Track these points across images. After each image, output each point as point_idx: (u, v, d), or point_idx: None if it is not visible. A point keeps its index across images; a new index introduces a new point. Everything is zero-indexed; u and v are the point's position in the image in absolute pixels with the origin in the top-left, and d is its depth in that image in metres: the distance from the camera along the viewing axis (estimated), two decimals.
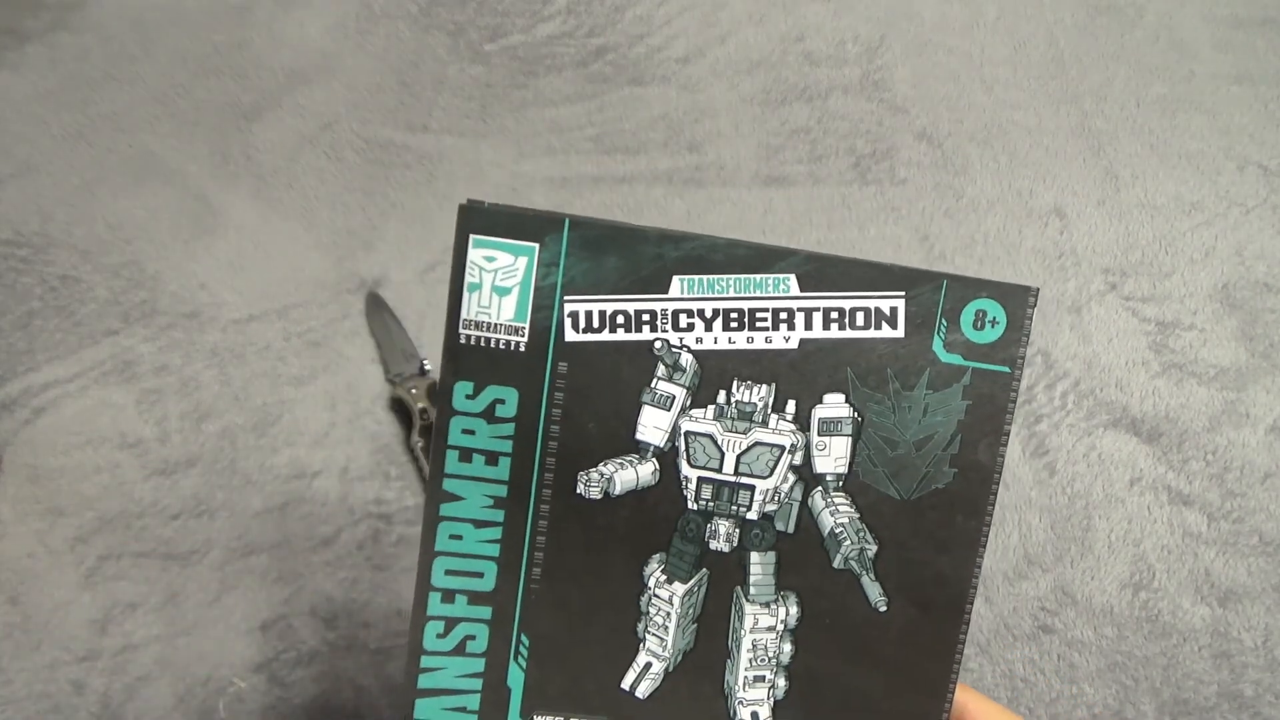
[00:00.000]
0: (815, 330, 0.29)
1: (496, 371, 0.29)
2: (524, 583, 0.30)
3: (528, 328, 0.29)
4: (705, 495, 0.30)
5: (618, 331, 0.29)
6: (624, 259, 0.28)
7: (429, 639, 0.29)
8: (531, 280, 0.29)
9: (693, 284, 0.28)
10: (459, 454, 0.29)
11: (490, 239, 0.29)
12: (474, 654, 0.29)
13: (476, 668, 0.29)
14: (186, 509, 0.60)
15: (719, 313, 0.29)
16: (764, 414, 0.29)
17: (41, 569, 0.58)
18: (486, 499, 0.29)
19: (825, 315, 0.29)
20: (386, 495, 0.60)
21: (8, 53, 0.86)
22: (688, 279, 0.28)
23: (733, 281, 0.28)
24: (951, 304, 0.28)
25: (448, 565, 0.29)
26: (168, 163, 0.78)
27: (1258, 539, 0.56)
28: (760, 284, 0.28)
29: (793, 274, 0.28)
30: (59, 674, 0.55)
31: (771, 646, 0.30)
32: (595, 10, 0.86)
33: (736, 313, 0.29)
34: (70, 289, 0.70)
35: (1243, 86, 0.76)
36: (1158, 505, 0.57)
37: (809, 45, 0.82)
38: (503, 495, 0.29)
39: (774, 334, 0.29)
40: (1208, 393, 0.61)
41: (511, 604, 0.29)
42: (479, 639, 0.29)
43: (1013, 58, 0.79)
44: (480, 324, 0.29)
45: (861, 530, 0.29)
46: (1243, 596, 0.54)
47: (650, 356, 0.29)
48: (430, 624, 0.29)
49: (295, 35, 0.86)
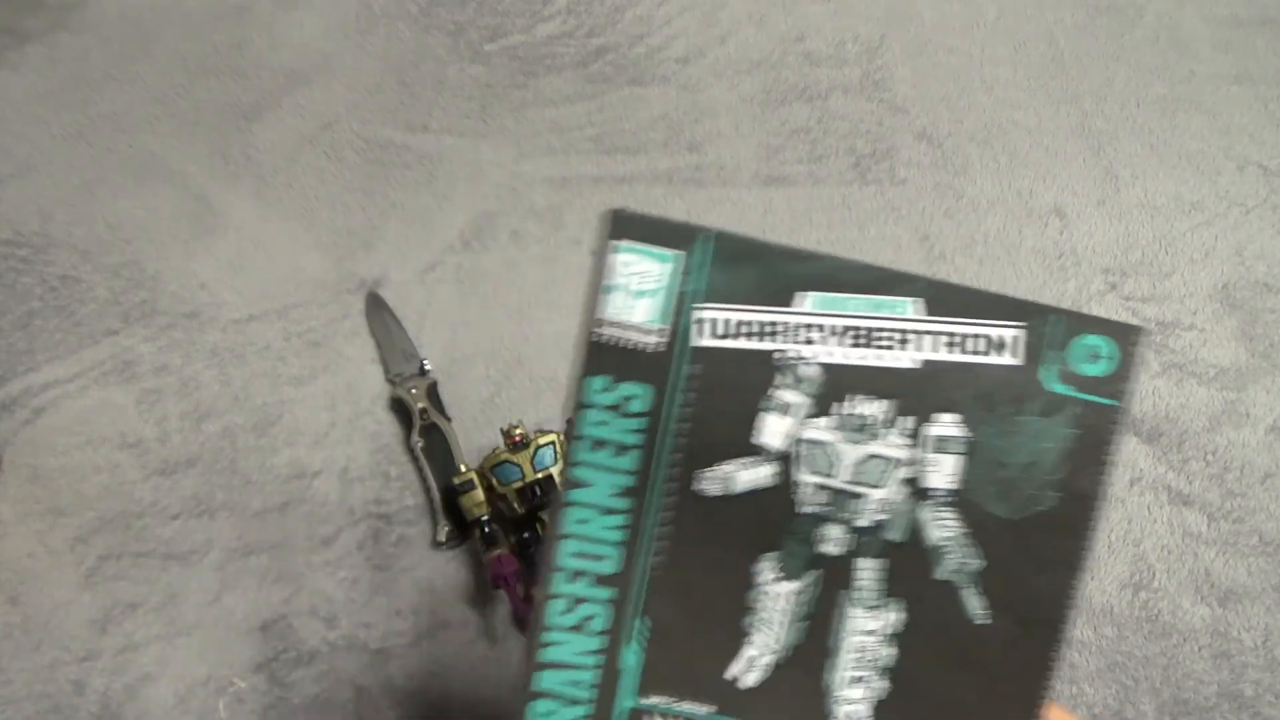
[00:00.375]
0: (936, 352, 0.30)
1: (632, 369, 0.30)
2: (647, 570, 0.31)
3: (667, 330, 0.30)
4: (819, 500, 0.31)
5: (747, 340, 0.30)
6: (758, 273, 0.30)
7: (552, 615, 0.31)
8: (672, 286, 0.30)
9: (820, 301, 0.30)
10: (590, 443, 0.31)
11: (636, 245, 0.30)
12: (593, 633, 0.31)
13: (595, 645, 0.31)
14: (186, 509, 0.60)
15: (843, 329, 0.30)
16: (880, 428, 0.31)
17: (41, 569, 0.58)
18: (614, 488, 0.31)
19: (947, 339, 0.30)
20: (386, 495, 0.60)
21: (8, 53, 0.86)
22: (816, 295, 0.30)
23: (859, 301, 0.30)
24: (1066, 337, 0.30)
25: (574, 548, 0.31)
26: (168, 163, 0.78)
27: (1258, 539, 0.56)
28: (885, 305, 0.30)
29: (919, 299, 0.30)
30: (59, 674, 0.55)
31: (873, 650, 0.31)
32: (595, 10, 0.86)
33: (860, 330, 0.30)
34: (70, 289, 0.70)
35: (1243, 86, 0.76)
36: (1158, 505, 0.57)
37: (809, 45, 0.82)
38: (630, 485, 0.31)
39: (895, 353, 0.30)
40: (1208, 393, 0.61)
41: (633, 588, 0.31)
42: (598, 619, 0.31)
43: (1013, 58, 0.79)
44: (618, 324, 0.30)
45: (966, 545, 0.30)
46: (1243, 596, 0.54)
47: (774, 366, 0.30)
48: (554, 601, 0.31)
49: (295, 35, 0.86)
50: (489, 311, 0.68)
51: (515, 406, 0.63)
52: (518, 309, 0.68)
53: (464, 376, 0.65)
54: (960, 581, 0.31)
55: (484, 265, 0.70)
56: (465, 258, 0.71)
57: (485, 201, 0.74)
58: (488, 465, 0.55)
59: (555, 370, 0.65)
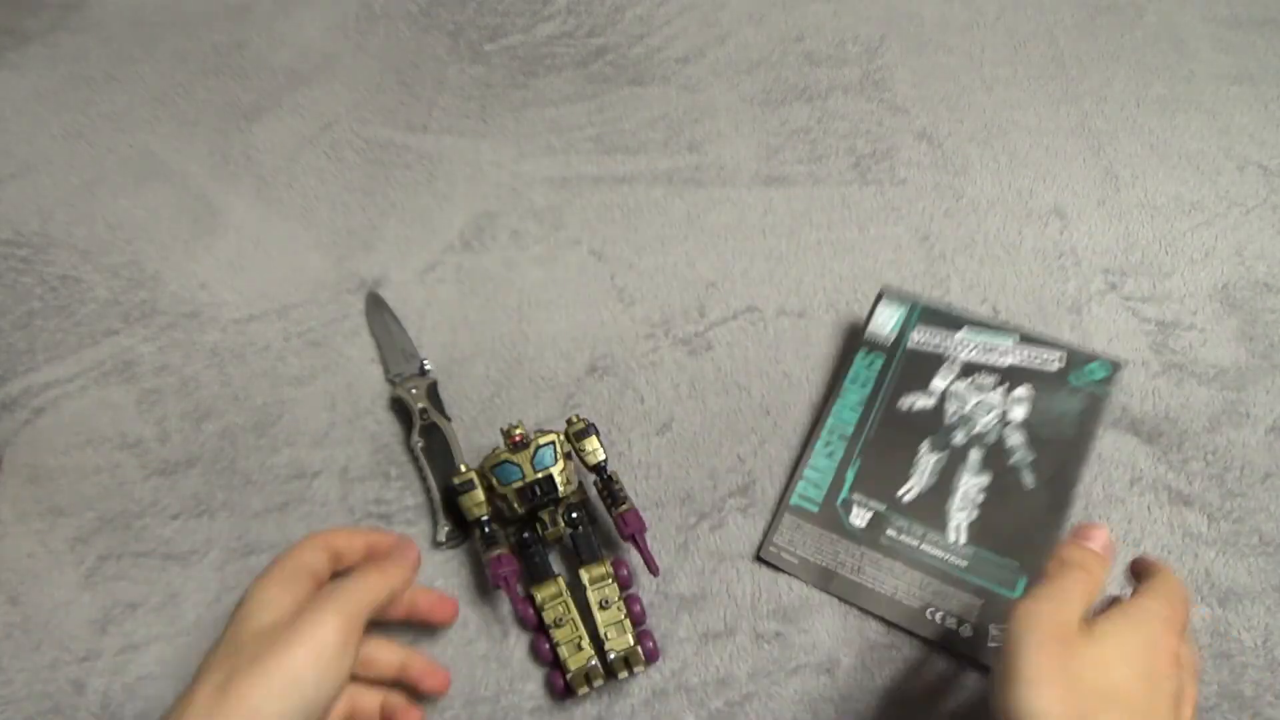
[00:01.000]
0: (1020, 360, 0.60)
1: (879, 349, 0.62)
2: (865, 437, 0.58)
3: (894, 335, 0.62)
4: (955, 418, 0.59)
5: (930, 346, 0.61)
6: (940, 317, 0.62)
7: (818, 447, 0.59)
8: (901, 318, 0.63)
9: (969, 330, 0.61)
10: (854, 377, 0.61)
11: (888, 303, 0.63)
12: (834, 458, 0.58)
13: (834, 465, 0.58)
14: (186, 509, 0.60)
15: (975, 345, 0.61)
16: (989, 389, 0.59)
17: (41, 569, 0.58)
18: (859, 397, 0.60)
19: (1026, 354, 0.60)
20: (386, 495, 0.60)
21: (8, 53, 0.86)
22: (967, 328, 0.61)
23: (987, 332, 0.61)
24: (1083, 361, 0.59)
25: (833, 421, 0.59)
26: (168, 163, 0.78)
27: (1258, 539, 0.56)
28: (1000, 334, 0.61)
29: (1015, 334, 0.60)
30: (59, 674, 0.55)
31: (973, 495, 0.56)
32: (595, 10, 0.86)
33: (987, 346, 0.60)
34: (70, 289, 0.70)
35: (1243, 86, 0.76)
36: (1158, 505, 0.57)
37: (809, 45, 0.82)
38: (867, 395, 0.60)
39: (1001, 357, 0.60)
40: (1208, 393, 0.61)
41: (857, 443, 0.58)
42: (837, 453, 0.58)
43: (1013, 58, 0.79)
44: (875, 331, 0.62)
45: (1025, 449, 0.57)
46: (1243, 596, 0.54)
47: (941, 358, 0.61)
48: (820, 441, 0.59)
49: (295, 35, 0.86)
50: (489, 311, 0.68)
51: (515, 406, 0.63)
52: (518, 309, 0.68)
53: (464, 376, 0.65)
54: (1020, 465, 0.56)
55: (484, 265, 0.70)
56: (465, 258, 0.71)
57: (485, 201, 0.74)
58: (488, 465, 0.55)
59: (555, 370, 0.65)
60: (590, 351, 0.66)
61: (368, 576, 0.47)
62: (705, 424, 0.62)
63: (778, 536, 0.56)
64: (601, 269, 0.70)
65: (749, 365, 0.64)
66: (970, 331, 0.60)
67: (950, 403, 0.59)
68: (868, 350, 0.61)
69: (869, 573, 0.55)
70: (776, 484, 0.59)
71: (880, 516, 0.56)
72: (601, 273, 0.70)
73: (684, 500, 0.59)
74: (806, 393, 0.63)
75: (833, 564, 0.55)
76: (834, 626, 0.54)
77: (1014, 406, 0.58)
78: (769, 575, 0.56)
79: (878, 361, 0.61)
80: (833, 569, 0.55)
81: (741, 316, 0.67)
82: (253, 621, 0.43)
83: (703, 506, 0.59)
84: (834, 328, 0.66)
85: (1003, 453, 0.57)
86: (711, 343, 0.66)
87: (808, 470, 0.58)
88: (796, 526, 0.57)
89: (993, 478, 0.56)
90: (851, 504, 0.57)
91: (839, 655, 0.53)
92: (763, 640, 0.54)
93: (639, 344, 0.66)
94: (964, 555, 0.54)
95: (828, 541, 0.56)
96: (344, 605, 0.44)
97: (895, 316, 0.62)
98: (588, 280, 0.69)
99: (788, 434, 0.61)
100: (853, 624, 0.54)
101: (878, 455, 0.58)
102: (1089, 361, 0.58)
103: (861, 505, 0.56)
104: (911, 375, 0.60)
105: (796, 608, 0.55)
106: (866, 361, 0.61)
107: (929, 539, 0.55)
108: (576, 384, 0.64)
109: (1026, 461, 0.56)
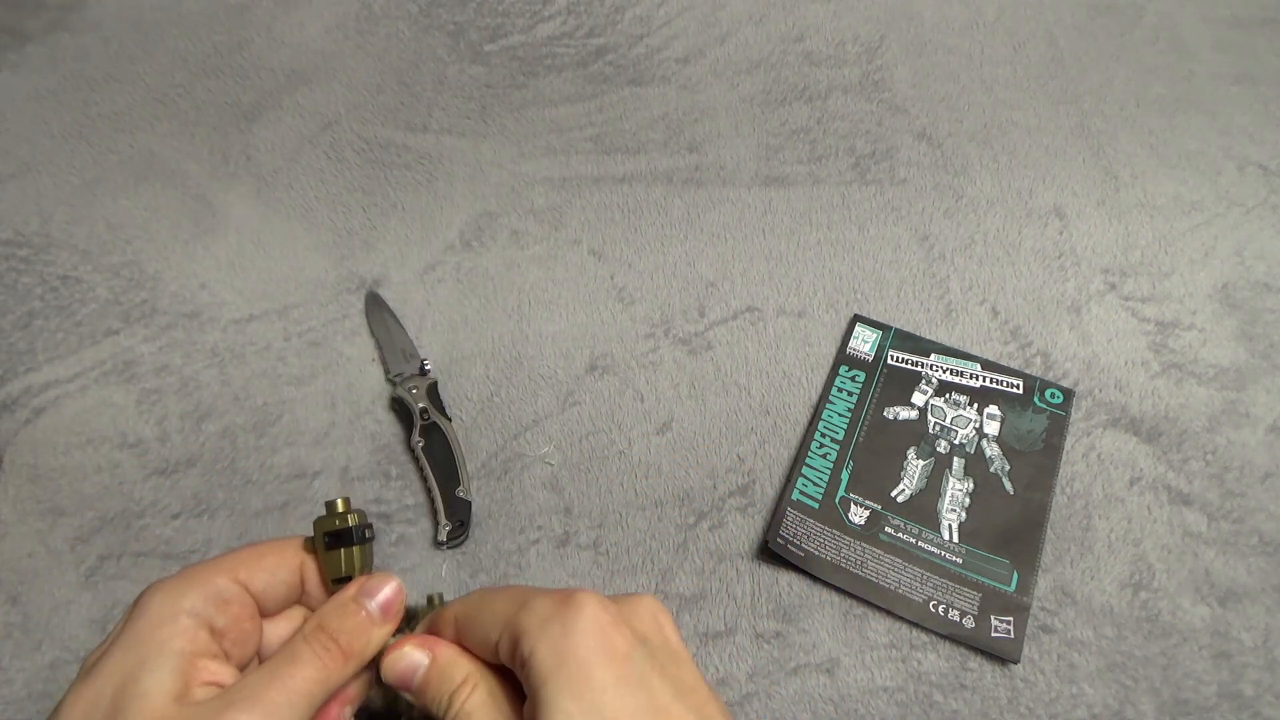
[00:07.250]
0: (988, 383, 0.63)
1: (860, 366, 0.64)
2: (856, 442, 0.60)
3: (874, 354, 0.64)
4: (937, 429, 0.61)
5: (907, 365, 0.64)
6: (914, 341, 0.65)
7: (813, 450, 0.60)
8: (879, 341, 0.65)
9: (939, 357, 0.64)
10: (838, 390, 0.63)
11: (866, 326, 0.66)
12: (829, 460, 0.60)
13: (829, 465, 0.59)
14: (186, 509, 0.60)
15: (946, 368, 0.64)
16: (964, 406, 0.62)
17: (42, 569, 0.58)
18: (847, 407, 0.62)
19: (993, 379, 0.63)
20: (386, 495, 0.60)
21: (8, 53, 0.86)
22: (937, 355, 0.64)
23: (955, 359, 0.64)
24: (1043, 387, 0.62)
25: (825, 425, 0.61)
26: (168, 163, 0.78)
27: (1258, 539, 0.56)
28: (967, 361, 0.64)
29: (978, 362, 0.64)
30: (59, 674, 0.55)
31: (960, 498, 0.58)
32: (595, 10, 0.86)
33: (955, 370, 0.64)
34: (70, 289, 0.70)
35: (1243, 86, 0.76)
36: (1158, 505, 0.57)
37: (809, 45, 0.82)
38: (852, 406, 0.62)
39: (971, 380, 0.63)
40: (1208, 393, 0.61)
41: (849, 448, 0.60)
42: (831, 455, 0.60)
43: (1013, 58, 0.79)
44: (855, 350, 0.65)
45: (1001, 458, 0.59)
46: (1243, 596, 0.54)
47: (919, 376, 0.64)
48: (815, 444, 0.60)
49: (295, 35, 0.86)
50: (489, 311, 0.68)
51: (515, 406, 0.64)
52: (518, 309, 0.68)
53: (464, 376, 0.65)
54: (1000, 473, 0.59)
55: (484, 265, 0.70)
56: (465, 257, 0.71)
57: (485, 201, 0.74)
58: None
59: (555, 370, 0.65)
60: (590, 351, 0.66)
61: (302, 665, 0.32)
62: (705, 424, 0.62)
63: (784, 529, 0.57)
64: (601, 269, 0.70)
65: (749, 365, 0.64)
66: (939, 357, 0.64)
67: (931, 414, 0.62)
68: (849, 367, 0.64)
69: (872, 567, 0.55)
70: (776, 483, 0.59)
71: (878, 515, 0.57)
72: (601, 272, 0.70)
73: (683, 500, 0.59)
74: (806, 393, 0.63)
75: (837, 558, 0.56)
76: (834, 626, 0.54)
77: (988, 422, 0.61)
78: (769, 575, 0.56)
79: (860, 376, 0.63)
80: (838, 563, 0.56)
81: (741, 316, 0.67)
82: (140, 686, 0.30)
83: (702, 506, 0.59)
84: (834, 328, 0.66)
85: (983, 461, 0.59)
86: (711, 343, 0.66)
87: (805, 469, 0.59)
88: (800, 521, 0.57)
89: (975, 484, 0.58)
90: (849, 502, 0.58)
91: (839, 655, 0.53)
92: (762, 640, 0.54)
93: (639, 343, 0.66)
94: (959, 553, 0.56)
95: (830, 537, 0.57)
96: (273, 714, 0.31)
97: (873, 338, 0.65)
98: (587, 280, 0.69)
99: (787, 434, 0.61)
100: (853, 624, 0.54)
101: (869, 459, 0.60)
102: (1046, 388, 0.62)
103: (859, 504, 0.58)
104: (894, 390, 0.63)
105: (796, 607, 0.55)
106: (850, 375, 0.63)
107: (925, 537, 0.56)
108: (576, 383, 0.64)
109: (1005, 470, 0.59)
